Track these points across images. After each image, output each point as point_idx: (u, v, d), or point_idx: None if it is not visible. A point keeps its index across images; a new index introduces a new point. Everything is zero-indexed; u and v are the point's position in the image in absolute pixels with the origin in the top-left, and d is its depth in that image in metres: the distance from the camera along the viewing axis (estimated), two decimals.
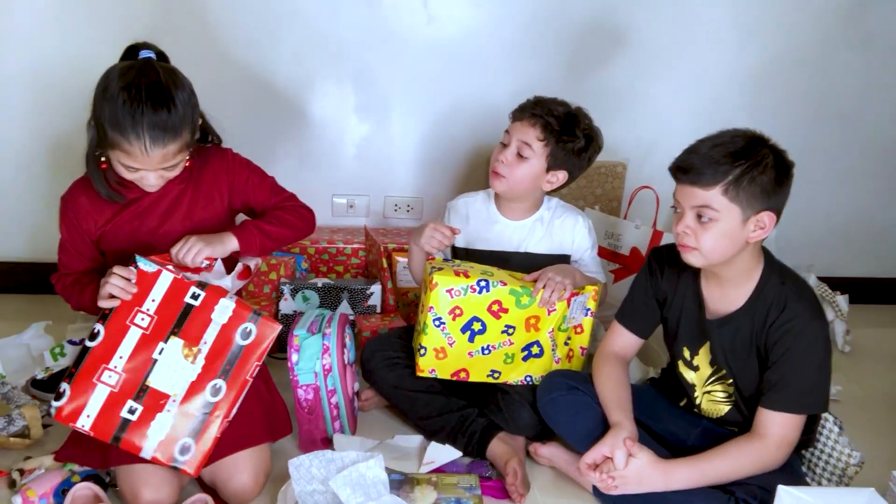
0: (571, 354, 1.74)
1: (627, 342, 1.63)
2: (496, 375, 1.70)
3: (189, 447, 1.37)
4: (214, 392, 1.39)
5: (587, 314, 1.71)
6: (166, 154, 1.39)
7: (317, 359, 1.58)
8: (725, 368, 1.50)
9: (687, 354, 1.56)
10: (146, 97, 1.35)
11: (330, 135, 2.35)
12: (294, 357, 1.58)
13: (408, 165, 2.42)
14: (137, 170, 1.41)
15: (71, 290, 1.54)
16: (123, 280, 1.39)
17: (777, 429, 1.40)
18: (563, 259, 1.81)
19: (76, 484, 1.38)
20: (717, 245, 1.39)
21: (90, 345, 1.38)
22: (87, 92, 1.42)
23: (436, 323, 1.64)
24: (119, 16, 2.12)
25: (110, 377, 1.36)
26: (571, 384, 1.59)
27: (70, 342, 1.92)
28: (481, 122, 2.34)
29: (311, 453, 1.42)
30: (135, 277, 1.40)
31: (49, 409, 1.61)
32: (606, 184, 2.41)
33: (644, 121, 2.42)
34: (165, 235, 1.52)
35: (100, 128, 1.38)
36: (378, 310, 2.15)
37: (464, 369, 1.68)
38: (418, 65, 2.30)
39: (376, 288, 2.13)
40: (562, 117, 1.70)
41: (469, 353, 1.67)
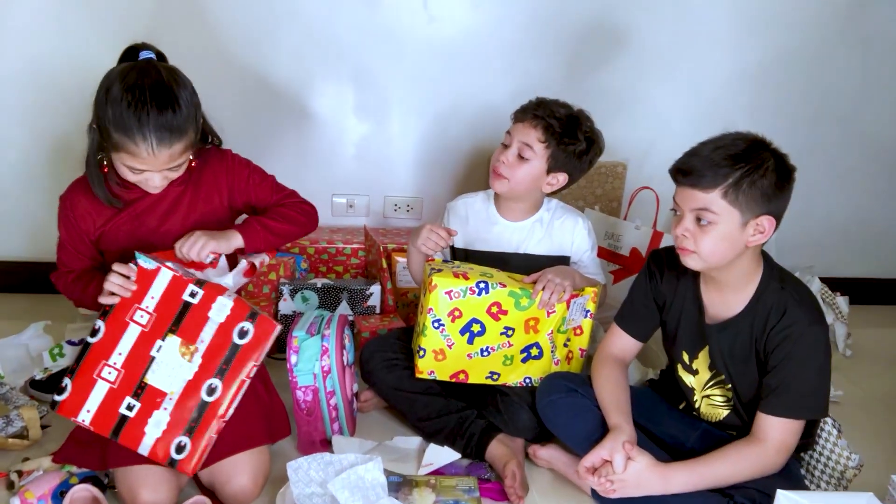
0: (571, 356, 1.74)
1: (626, 345, 1.63)
2: (495, 377, 1.70)
3: (185, 446, 1.37)
4: (210, 391, 1.39)
5: (587, 316, 1.71)
6: (172, 154, 1.40)
7: (316, 360, 1.58)
8: (724, 373, 1.50)
9: (686, 358, 1.56)
10: (151, 98, 1.35)
11: (330, 134, 2.34)
12: (293, 358, 1.57)
13: (407, 165, 2.41)
14: (142, 171, 1.41)
15: (73, 288, 1.54)
16: (123, 278, 1.39)
17: (776, 433, 1.40)
18: (563, 260, 1.81)
19: (74, 486, 1.38)
20: (716, 248, 1.39)
21: (91, 341, 1.39)
22: (87, 91, 1.42)
23: (435, 325, 1.64)
24: (118, 16, 2.11)
25: (110, 373, 1.38)
26: (570, 386, 1.59)
27: (69, 342, 1.92)
28: (481, 122, 2.34)
29: (310, 456, 1.42)
30: (134, 275, 1.40)
31: (48, 410, 1.62)
32: (606, 184, 2.41)
33: (644, 121, 2.42)
34: (164, 235, 1.52)
35: (103, 130, 1.38)
36: (377, 310, 2.15)
37: (463, 371, 1.68)
38: (418, 65, 2.29)
39: (376, 288, 2.13)
40: (564, 119, 1.70)
41: (468, 355, 1.67)
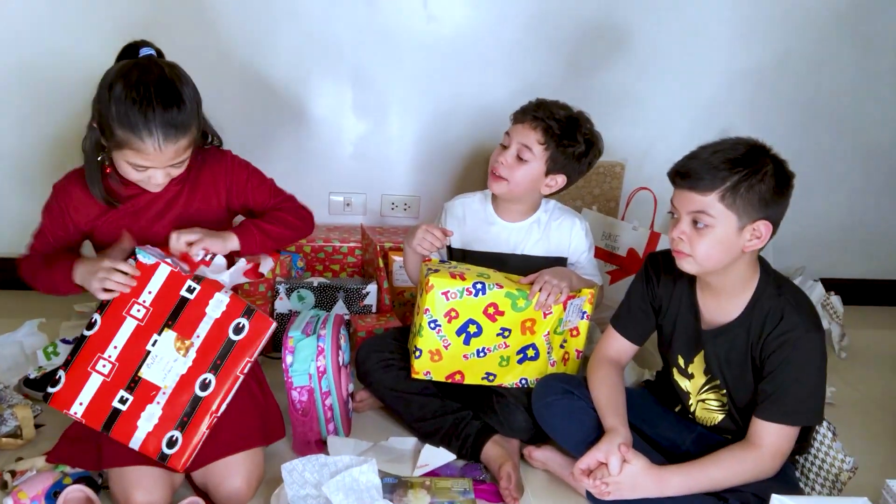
0: (567, 357, 1.73)
1: (622, 347, 1.63)
2: (491, 378, 1.70)
3: (176, 440, 1.37)
4: (204, 386, 1.39)
5: (583, 317, 1.71)
6: (178, 150, 1.40)
7: (311, 361, 1.57)
8: (719, 378, 1.50)
9: (681, 362, 1.56)
10: (156, 95, 1.35)
11: (328, 133, 2.34)
12: (288, 359, 1.57)
13: (405, 164, 2.41)
14: (146, 168, 1.40)
15: (38, 269, 1.50)
16: (124, 276, 1.39)
17: (772, 439, 1.40)
18: (560, 261, 1.80)
19: (68, 486, 1.37)
20: (712, 252, 1.38)
21: (87, 334, 1.40)
22: (81, 88, 1.41)
23: (431, 325, 1.63)
24: (114, 15, 2.10)
25: (104, 366, 1.38)
26: (567, 388, 1.59)
27: (63, 341, 1.92)
28: (479, 122, 2.33)
29: (304, 457, 1.42)
30: (137, 273, 1.40)
31: (42, 409, 1.61)
32: (605, 184, 2.40)
33: (643, 121, 2.41)
34: (158, 235, 1.51)
35: (106, 129, 1.37)
36: (374, 309, 2.15)
37: (459, 372, 1.68)
38: (417, 64, 2.29)
39: (372, 287, 2.13)
40: (563, 121, 1.69)
41: (464, 356, 1.66)
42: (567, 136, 1.69)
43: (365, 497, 1.37)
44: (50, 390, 1.39)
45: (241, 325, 1.42)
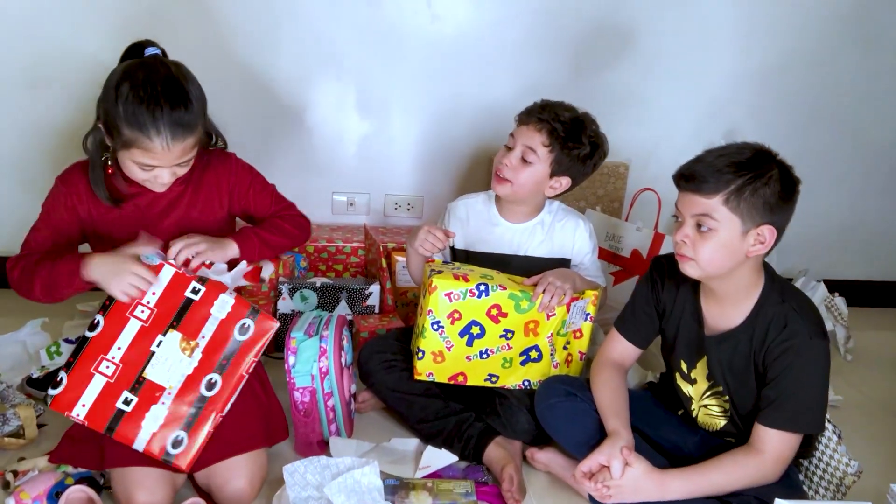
0: (570, 359, 1.73)
1: (626, 350, 1.62)
2: (494, 380, 1.69)
3: (182, 440, 1.37)
4: (209, 386, 1.39)
5: (587, 319, 1.70)
6: (185, 148, 1.40)
7: (314, 361, 1.57)
8: (722, 385, 1.49)
9: (684, 367, 1.55)
10: (164, 94, 1.35)
11: (331, 132, 2.33)
12: (291, 360, 1.57)
13: (409, 164, 2.40)
14: (153, 168, 1.40)
15: (37, 266, 1.42)
16: (143, 281, 1.38)
17: (774, 445, 1.39)
18: (564, 263, 1.80)
19: (70, 486, 1.37)
20: (715, 256, 1.37)
21: (89, 335, 1.39)
22: (81, 86, 1.41)
23: (434, 326, 1.63)
24: (115, 15, 2.10)
25: (108, 367, 1.37)
26: (570, 390, 1.58)
27: (66, 341, 1.92)
28: (483, 122, 2.33)
29: (306, 459, 1.42)
30: (154, 281, 1.39)
31: (44, 409, 1.61)
32: (608, 184, 2.39)
33: (647, 121, 2.41)
34: (161, 235, 1.50)
35: (113, 128, 1.36)
36: (376, 310, 2.14)
37: (461, 373, 1.68)
38: (421, 63, 2.28)
39: (375, 288, 2.12)
40: (568, 123, 1.68)
41: (467, 357, 1.66)
42: (572, 139, 1.68)
43: (367, 499, 1.37)
44: (51, 392, 1.37)
45: (247, 326, 1.43)
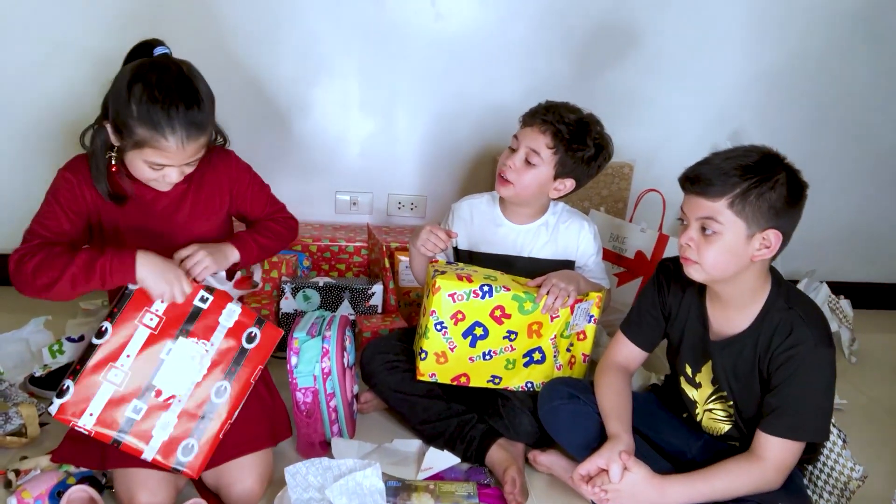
0: (573, 361, 1.72)
1: (631, 354, 1.61)
2: (497, 381, 1.69)
3: (193, 448, 1.38)
4: (219, 393, 1.40)
5: (590, 321, 1.70)
6: (197, 147, 1.40)
7: (316, 362, 1.57)
8: (726, 389, 1.48)
9: (689, 371, 1.54)
10: (178, 94, 1.34)
11: (334, 131, 2.33)
12: (293, 360, 1.56)
13: (412, 163, 2.40)
14: (163, 167, 1.39)
15: (62, 261, 1.34)
16: (182, 296, 1.39)
17: (775, 452, 1.38)
18: (568, 264, 1.79)
19: (72, 486, 1.37)
20: (719, 260, 1.36)
21: (97, 342, 1.36)
22: (83, 85, 1.40)
23: (437, 327, 1.62)
24: (115, 14, 2.10)
25: (116, 375, 1.36)
26: (573, 392, 1.58)
27: (69, 339, 1.91)
28: (487, 121, 2.32)
29: (308, 461, 1.41)
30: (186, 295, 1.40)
31: (47, 408, 1.61)
32: (613, 185, 2.38)
33: (652, 122, 2.40)
34: (164, 235, 1.51)
35: (125, 128, 1.35)
36: (379, 310, 2.14)
37: (464, 374, 1.67)
38: (425, 62, 2.28)
39: (378, 288, 2.12)
40: (573, 125, 1.67)
41: (470, 358, 1.65)
42: (576, 141, 1.67)
43: (368, 501, 1.36)
44: (57, 401, 1.33)
45: (254, 335, 1.44)
